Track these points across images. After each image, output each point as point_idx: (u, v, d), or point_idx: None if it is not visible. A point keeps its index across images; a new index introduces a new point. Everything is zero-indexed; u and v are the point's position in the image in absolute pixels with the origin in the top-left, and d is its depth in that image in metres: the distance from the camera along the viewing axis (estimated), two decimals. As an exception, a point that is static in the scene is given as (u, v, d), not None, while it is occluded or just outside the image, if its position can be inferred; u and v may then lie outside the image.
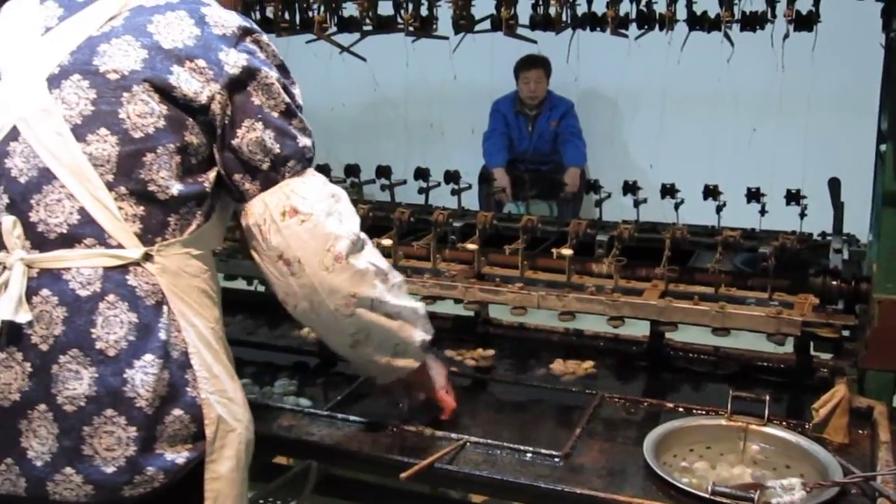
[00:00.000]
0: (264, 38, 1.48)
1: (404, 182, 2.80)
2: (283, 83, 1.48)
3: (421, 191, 2.73)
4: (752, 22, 2.11)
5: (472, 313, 2.47)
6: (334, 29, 2.39)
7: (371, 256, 1.58)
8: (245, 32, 1.45)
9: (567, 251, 2.21)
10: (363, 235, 1.58)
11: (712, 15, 2.15)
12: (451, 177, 2.69)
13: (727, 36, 2.02)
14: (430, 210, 2.49)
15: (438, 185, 2.74)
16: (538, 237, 2.38)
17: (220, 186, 1.49)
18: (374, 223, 2.47)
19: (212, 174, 1.46)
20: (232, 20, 1.45)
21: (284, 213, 1.47)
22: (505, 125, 5.99)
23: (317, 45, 2.39)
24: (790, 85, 4.81)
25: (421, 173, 2.72)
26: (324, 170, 2.84)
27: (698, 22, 2.15)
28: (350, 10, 2.40)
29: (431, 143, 6.70)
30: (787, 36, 1.99)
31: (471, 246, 2.32)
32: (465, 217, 2.49)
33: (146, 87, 1.37)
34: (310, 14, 2.35)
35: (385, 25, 2.32)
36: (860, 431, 1.87)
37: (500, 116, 6.00)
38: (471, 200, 2.80)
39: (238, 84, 1.42)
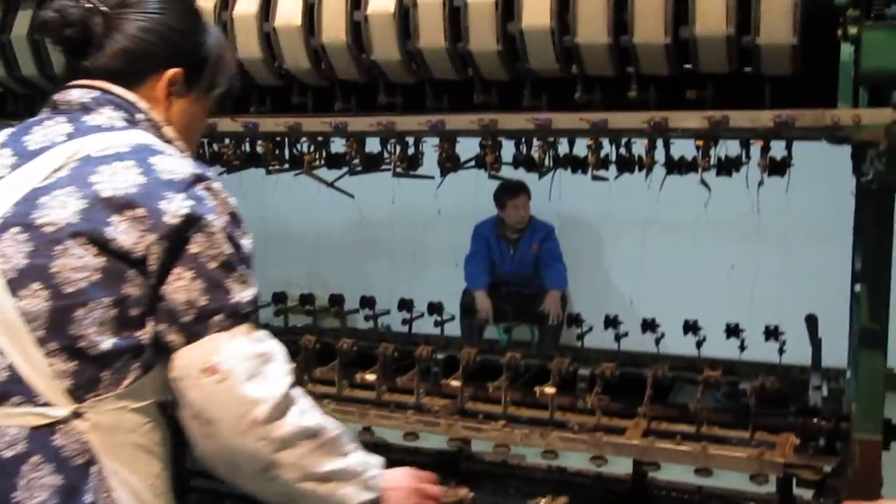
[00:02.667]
0: (217, 185, 1.41)
1: (388, 312, 2.83)
2: (229, 233, 1.40)
3: (405, 321, 2.75)
4: (728, 166, 2.18)
5: (454, 449, 2.46)
6: (323, 165, 2.43)
7: (298, 418, 1.44)
8: (196, 179, 1.39)
9: (550, 389, 2.22)
10: (294, 392, 1.45)
11: (689, 158, 2.20)
12: (435, 308, 2.72)
13: (704, 182, 2.08)
14: (414, 341, 2.50)
15: (422, 315, 2.77)
16: (521, 372, 2.38)
17: None
18: (360, 353, 2.47)
19: (150, 327, 1.38)
20: (182, 167, 1.39)
21: (205, 370, 1.37)
22: (487, 248, 6.05)
23: (304, 176, 2.42)
24: (766, 221, 4.93)
25: (405, 304, 2.75)
26: (307, 299, 2.87)
27: (676, 166, 2.22)
28: (338, 145, 2.44)
29: (415, 268, 6.76)
30: (761, 183, 2.05)
31: (454, 383, 2.32)
32: (448, 348, 2.49)
33: (81, 241, 1.32)
34: (297, 150, 2.40)
35: (372, 164, 2.37)
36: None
37: (482, 239, 6.07)
38: (453, 325, 2.83)
39: (177, 232, 1.35)
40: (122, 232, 1.33)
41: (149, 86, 1.47)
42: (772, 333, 2.43)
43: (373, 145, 2.36)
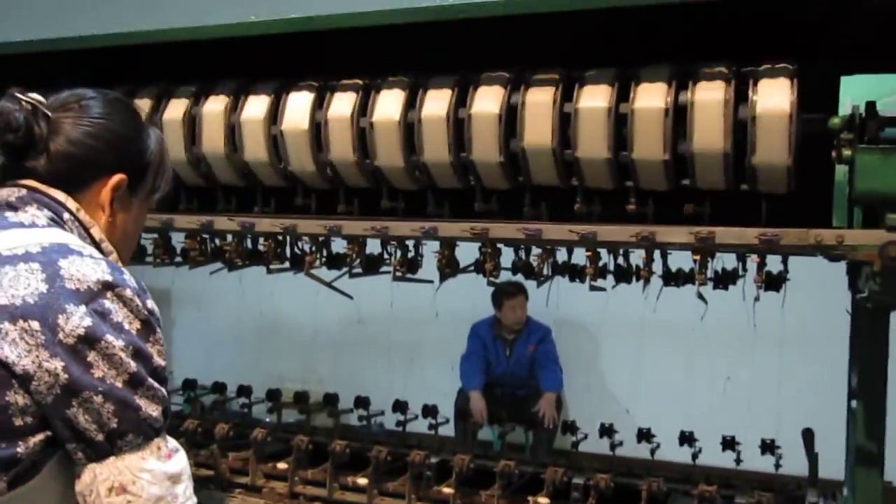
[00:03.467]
0: (128, 292, 1.35)
1: (382, 413, 2.81)
2: (136, 348, 1.35)
3: (399, 424, 2.73)
4: (724, 279, 2.20)
5: None
6: (323, 265, 2.45)
7: None
8: (105, 287, 1.33)
9: (544, 501, 2.20)
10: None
11: (686, 269, 2.22)
12: (430, 411, 2.71)
13: (700, 296, 2.10)
14: (407, 443, 2.48)
15: (416, 417, 2.75)
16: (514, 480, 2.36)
17: (54, 448, 1.35)
18: (352, 454, 2.45)
19: (37, 438, 1.33)
20: (92, 273, 1.33)
21: (112, 489, 1.34)
22: (483, 348, 6.04)
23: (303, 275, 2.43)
24: (763, 332, 4.94)
25: (399, 406, 2.74)
26: (302, 397, 2.86)
27: (672, 278, 2.23)
28: (339, 245, 2.46)
29: (411, 367, 6.74)
30: (757, 298, 2.07)
31: (447, 489, 2.30)
32: (441, 451, 2.47)
33: None
34: (298, 248, 2.43)
35: (372, 266, 2.39)
36: None
37: (478, 340, 6.06)
38: (447, 426, 2.81)
39: (74, 353, 1.29)
40: (10, 342, 1.27)
41: (94, 191, 1.45)
42: (768, 447, 2.42)
43: (373, 247, 2.38)
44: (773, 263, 2.17)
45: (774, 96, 1.74)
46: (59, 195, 1.43)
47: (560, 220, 1.95)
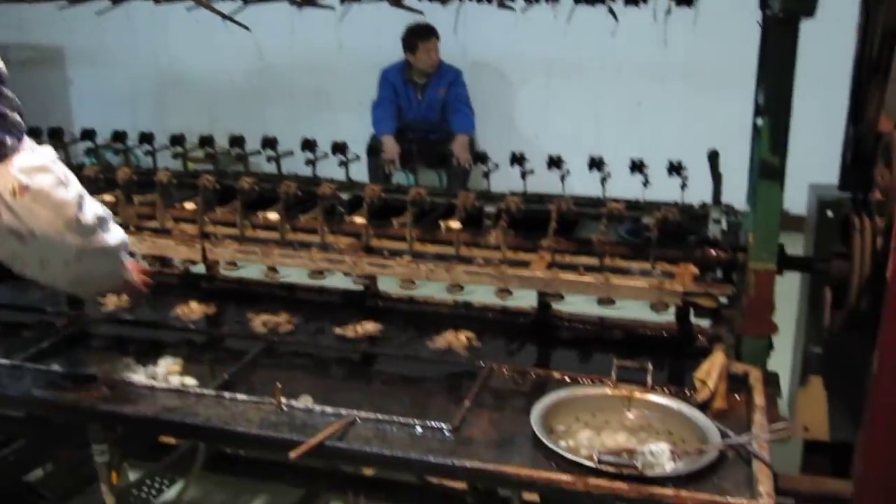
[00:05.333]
0: None
1: (291, 153, 2.75)
2: None
3: (308, 162, 2.68)
4: (635, -4, 2.13)
5: (361, 287, 2.46)
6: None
7: (94, 209, 1.68)
8: None
9: (455, 224, 2.22)
10: (81, 190, 1.66)
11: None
12: (339, 148, 2.65)
13: (611, 11, 2.04)
14: (317, 182, 2.45)
15: (326, 156, 2.70)
16: (427, 209, 2.38)
17: None
18: (261, 196, 2.43)
19: None
20: None
21: (14, 191, 1.53)
22: (394, 93, 5.96)
23: (199, 10, 2.31)
24: (672, 58, 4.94)
25: (308, 144, 2.68)
26: (207, 141, 2.77)
27: (582, -6, 2.16)
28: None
29: (318, 112, 6.62)
30: (669, 11, 2.02)
31: (359, 220, 2.30)
32: (353, 189, 2.47)
33: None
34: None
35: (269, -7, 2.25)
36: (736, 396, 1.94)
37: (388, 85, 5.96)
38: (359, 170, 2.78)
39: None
40: None
41: None
42: (675, 168, 2.44)
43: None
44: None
45: None
46: None
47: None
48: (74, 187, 1.64)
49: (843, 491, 1.96)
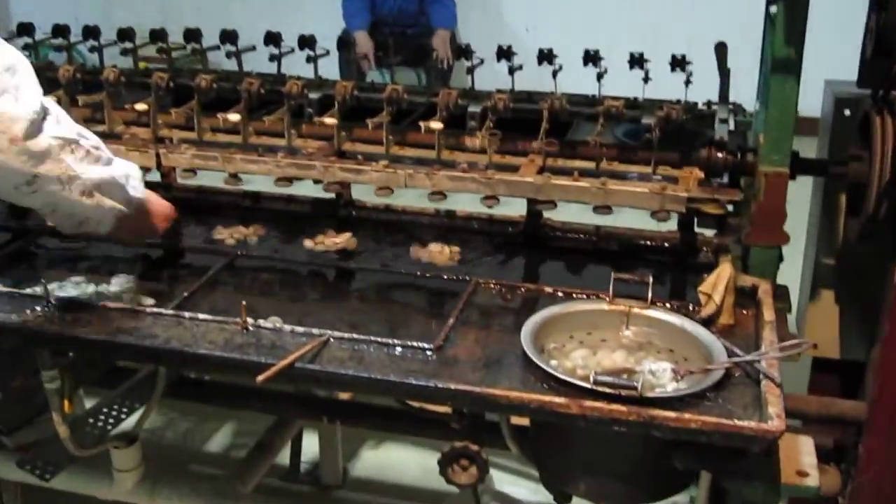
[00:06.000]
0: None
1: (253, 48, 2.69)
2: None
3: (272, 58, 2.63)
4: None
5: (332, 195, 2.43)
6: None
7: (55, 130, 1.61)
8: None
9: (436, 124, 2.18)
10: (48, 104, 1.62)
11: None
12: (307, 42, 2.60)
13: None
14: (282, 80, 2.40)
15: (292, 51, 2.65)
16: (405, 109, 2.34)
17: None
18: (220, 96, 2.38)
19: None
20: None
21: None
22: (367, -17, 5.83)
23: None
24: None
25: (272, 38, 2.62)
26: (160, 35, 2.70)
27: None
28: None
29: (284, 4, 6.49)
30: None
31: (329, 120, 2.26)
32: (322, 87, 2.41)
33: None
34: None
35: None
36: (744, 311, 1.93)
37: (360, -26, 5.83)
38: (329, 69, 2.71)
39: None
40: None
41: None
42: (678, 63, 2.40)
43: None
44: None
45: None
46: None
47: None
48: (29, 103, 1.56)
49: (855, 412, 1.97)
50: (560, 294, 2.03)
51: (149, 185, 2.53)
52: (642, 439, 1.65)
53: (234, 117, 2.28)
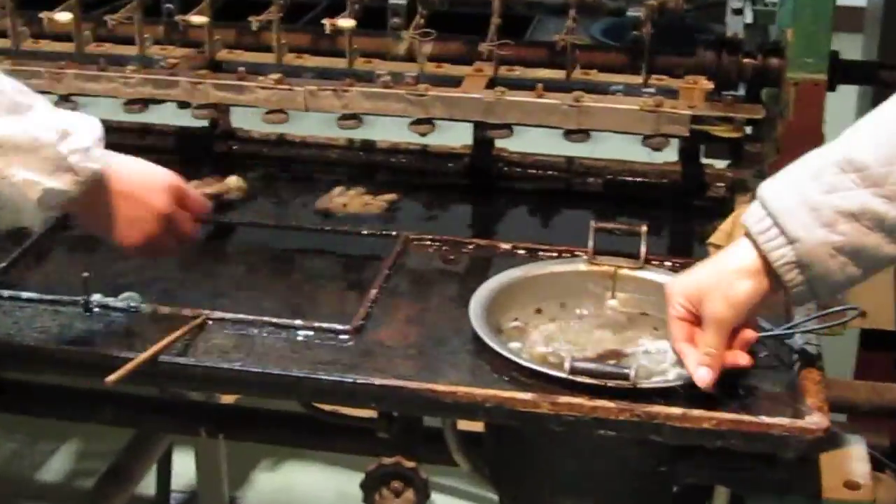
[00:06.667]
0: None
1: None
2: None
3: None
4: None
5: (204, 124, 2.43)
6: None
7: None
8: None
9: (346, 22, 2.17)
10: None
11: None
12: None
13: None
14: (131, -35, 2.37)
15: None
16: (302, 3, 2.33)
17: None
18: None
19: None
20: None
21: None
22: None
23: None
24: None
25: None
26: None
27: None
28: None
29: None
30: None
31: (198, 19, 2.24)
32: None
33: None
34: None
35: None
36: (770, 267, 1.94)
37: None
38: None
39: None
40: None
41: None
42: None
43: None
44: None
45: None
46: None
47: None
48: None
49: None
50: (521, 252, 2.03)
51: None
52: (637, 446, 1.65)
53: (63, 17, 2.25)
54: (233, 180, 2.29)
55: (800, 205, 1.43)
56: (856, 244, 1.42)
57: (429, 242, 2.07)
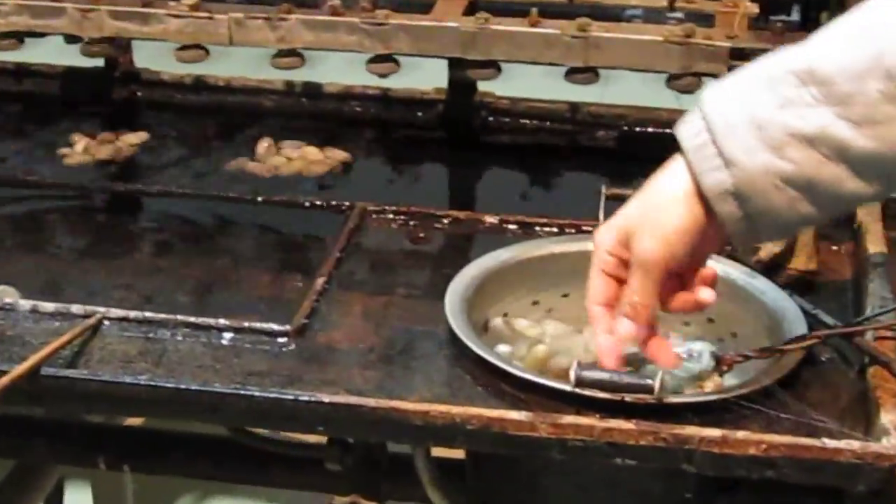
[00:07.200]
0: None
1: None
2: None
3: None
4: None
5: (100, 63, 2.46)
6: None
7: None
8: None
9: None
10: None
11: None
12: None
13: None
14: None
15: None
16: None
17: None
18: None
19: None
20: None
21: None
22: None
23: None
24: None
25: None
26: None
27: None
28: None
29: None
30: None
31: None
32: None
33: None
34: None
35: None
36: (834, 247, 1.95)
37: None
38: None
39: None
40: None
41: None
42: None
43: None
44: None
45: None
46: None
47: None
48: None
49: None
50: (511, 227, 2.04)
51: None
52: (663, 478, 1.66)
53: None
54: (135, 136, 2.28)
55: (745, 120, 1.39)
56: (809, 175, 1.37)
57: (392, 216, 2.07)
